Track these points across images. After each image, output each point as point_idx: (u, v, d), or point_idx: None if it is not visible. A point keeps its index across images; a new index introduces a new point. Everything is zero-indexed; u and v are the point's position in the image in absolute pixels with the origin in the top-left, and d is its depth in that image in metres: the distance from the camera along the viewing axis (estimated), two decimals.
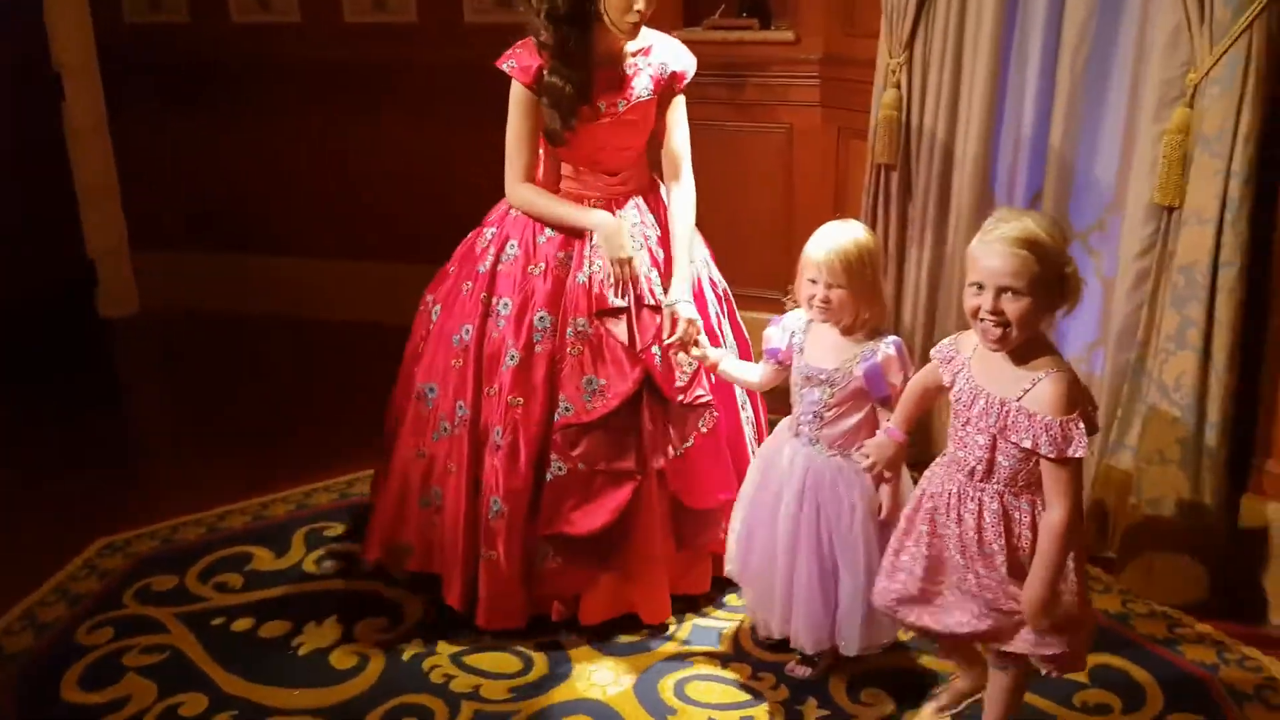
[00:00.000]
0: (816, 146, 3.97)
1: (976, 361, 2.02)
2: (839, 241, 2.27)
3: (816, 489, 2.35)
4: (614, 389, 2.54)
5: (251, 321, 4.92)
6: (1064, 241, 1.93)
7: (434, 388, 2.68)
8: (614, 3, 2.41)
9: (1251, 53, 2.47)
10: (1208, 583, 2.80)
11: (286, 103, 4.79)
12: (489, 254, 2.67)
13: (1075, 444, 1.86)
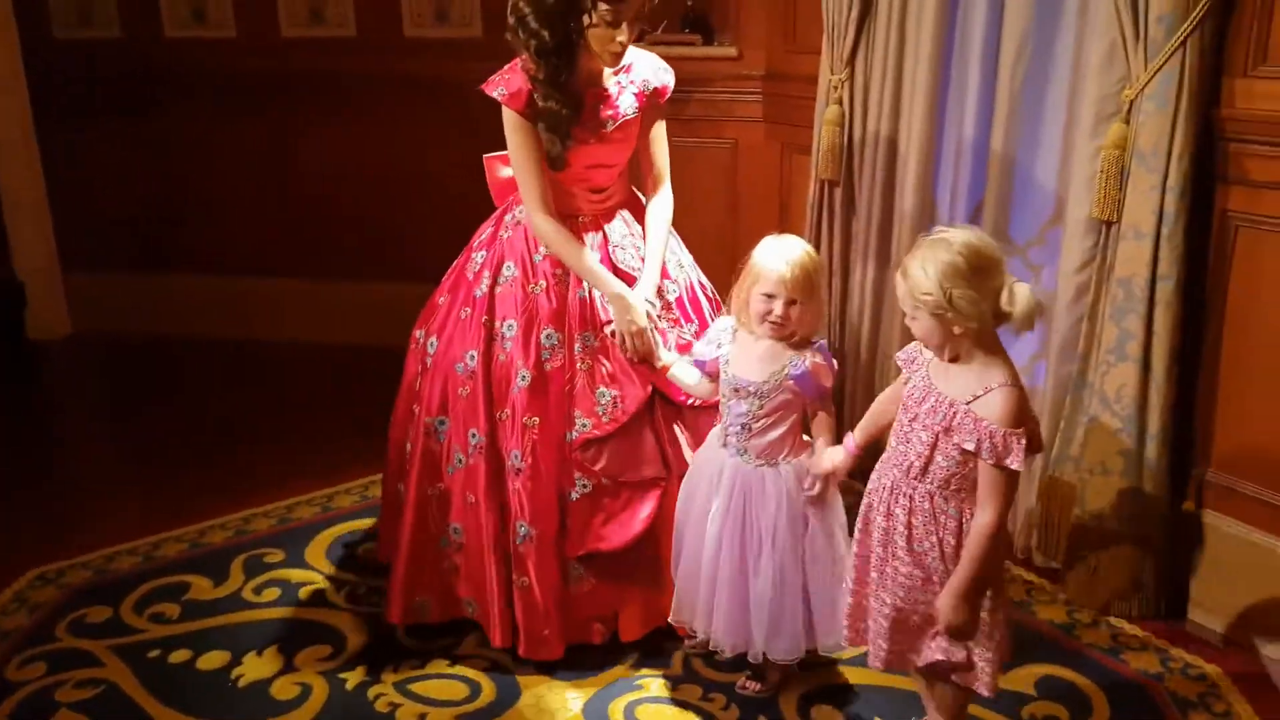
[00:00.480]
0: (760, 162, 3.98)
1: (935, 364, 2.07)
2: (797, 255, 2.27)
3: (744, 499, 2.36)
4: (628, 398, 2.54)
5: (188, 343, 4.82)
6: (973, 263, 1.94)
7: (444, 420, 2.63)
8: (597, 34, 2.41)
9: (1185, 70, 2.50)
10: (1151, 592, 2.83)
11: (221, 118, 4.71)
12: (484, 278, 2.64)
13: (1014, 456, 1.91)
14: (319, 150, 4.67)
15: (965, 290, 1.90)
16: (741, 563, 2.38)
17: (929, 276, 1.91)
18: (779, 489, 2.34)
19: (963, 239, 1.93)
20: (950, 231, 1.96)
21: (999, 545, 2.02)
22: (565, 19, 2.39)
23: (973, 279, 1.90)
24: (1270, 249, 2.57)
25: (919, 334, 2.01)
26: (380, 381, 4.38)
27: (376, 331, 4.63)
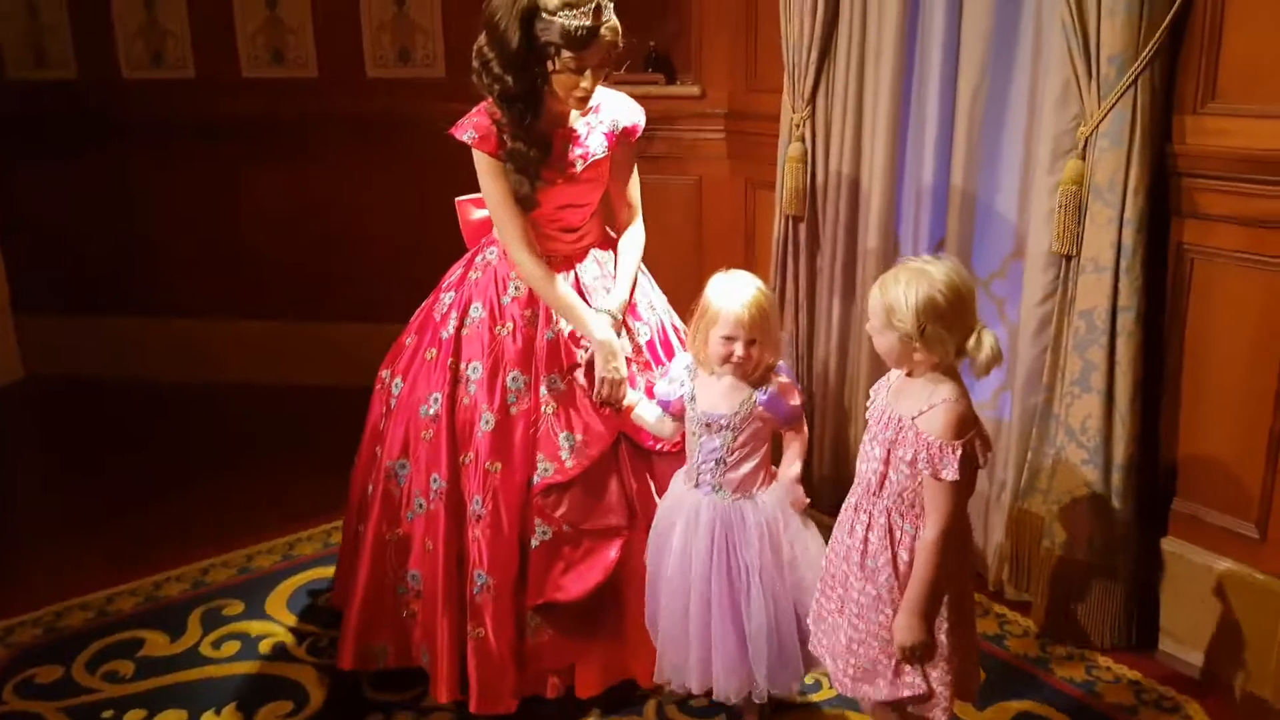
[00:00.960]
0: (725, 198, 4.01)
1: (896, 385, 2.13)
2: (750, 294, 2.28)
3: (726, 536, 2.35)
4: (592, 442, 2.51)
5: (142, 386, 4.74)
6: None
7: (405, 464, 2.59)
8: (561, 81, 2.41)
9: (1137, 107, 2.54)
10: (1123, 623, 2.84)
11: (178, 159, 4.67)
12: (451, 319, 2.62)
13: (949, 467, 1.96)
14: (277, 190, 4.64)
15: (938, 328, 1.96)
16: (733, 601, 2.35)
17: (907, 305, 1.96)
18: (760, 520, 2.33)
19: (945, 277, 1.98)
20: (934, 265, 2.01)
21: (952, 562, 2.04)
22: (529, 65, 2.38)
23: (948, 318, 1.96)
24: (1224, 280, 2.60)
25: (879, 348, 2.08)
26: (339, 423, 4.33)
27: (336, 372, 4.62)
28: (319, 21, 4.45)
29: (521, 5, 2.32)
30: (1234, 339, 2.61)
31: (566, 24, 2.31)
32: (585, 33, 2.32)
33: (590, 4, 2.32)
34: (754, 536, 2.33)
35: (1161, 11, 2.51)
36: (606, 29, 2.36)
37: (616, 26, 2.39)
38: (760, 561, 2.33)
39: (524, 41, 2.34)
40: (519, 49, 2.35)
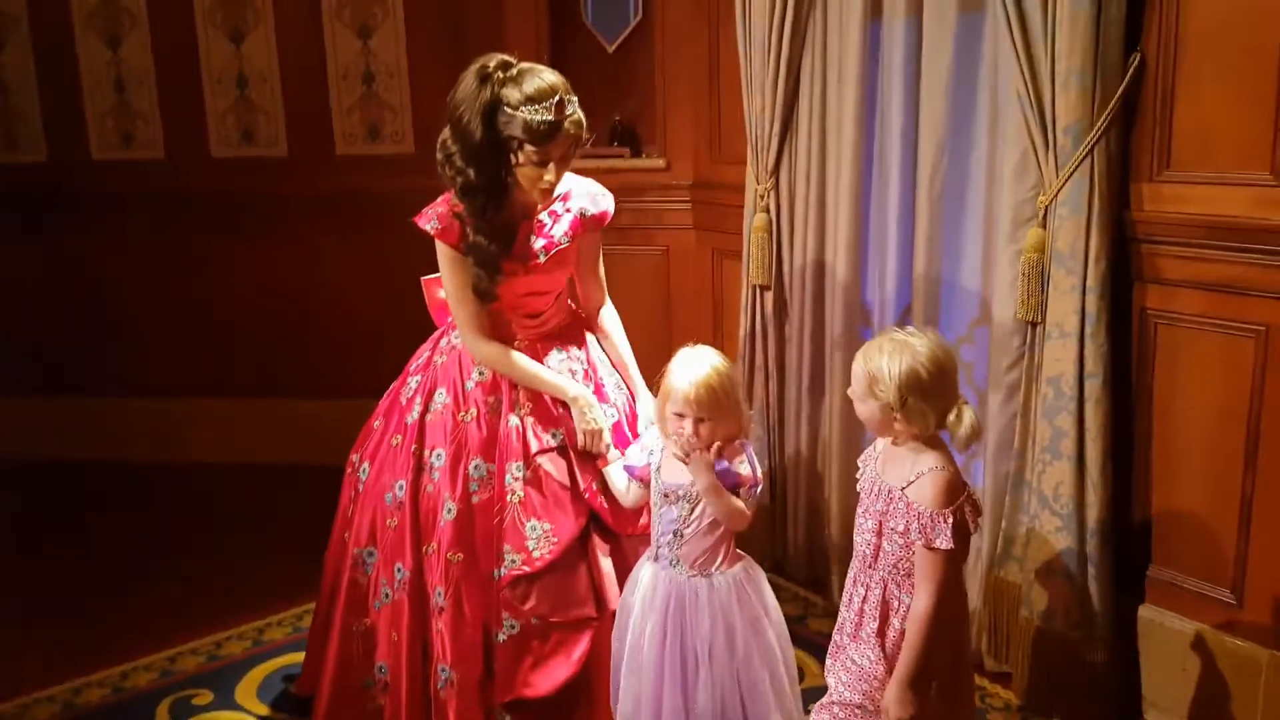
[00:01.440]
0: (692, 268, 4.03)
1: (883, 455, 2.14)
2: (702, 373, 2.27)
3: (680, 613, 2.32)
4: (560, 532, 2.46)
5: (109, 468, 4.66)
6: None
7: (372, 552, 2.56)
8: (525, 173, 2.42)
9: (1094, 176, 2.57)
10: (1104, 692, 2.80)
11: (150, 237, 4.66)
12: (416, 404, 2.60)
13: (941, 536, 1.96)
14: (247, 267, 4.63)
15: (919, 401, 1.98)
16: (683, 681, 2.33)
17: (890, 377, 1.99)
18: (714, 601, 2.31)
19: (929, 351, 2.00)
20: (918, 337, 2.03)
21: (945, 634, 2.03)
22: (493, 158, 2.38)
23: (930, 393, 1.99)
24: (1188, 343, 2.62)
25: (861, 414, 2.10)
26: (309, 503, 4.28)
27: (306, 450, 4.58)
28: (289, 101, 4.48)
29: (484, 99, 2.32)
30: (1201, 403, 2.62)
31: (529, 119, 2.31)
32: (548, 127, 2.33)
33: (553, 99, 2.33)
34: (705, 616, 2.31)
35: (1114, 83, 2.55)
36: (570, 123, 2.36)
37: (580, 120, 2.39)
38: (711, 644, 2.30)
39: (487, 135, 2.34)
40: (482, 142, 2.35)
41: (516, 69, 2.37)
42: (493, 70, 2.35)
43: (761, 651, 2.32)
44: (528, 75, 2.36)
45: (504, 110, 2.33)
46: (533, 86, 2.33)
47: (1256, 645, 2.58)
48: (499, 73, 2.35)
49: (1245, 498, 2.57)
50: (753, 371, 3.59)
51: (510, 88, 2.33)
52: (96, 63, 4.57)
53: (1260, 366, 2.48)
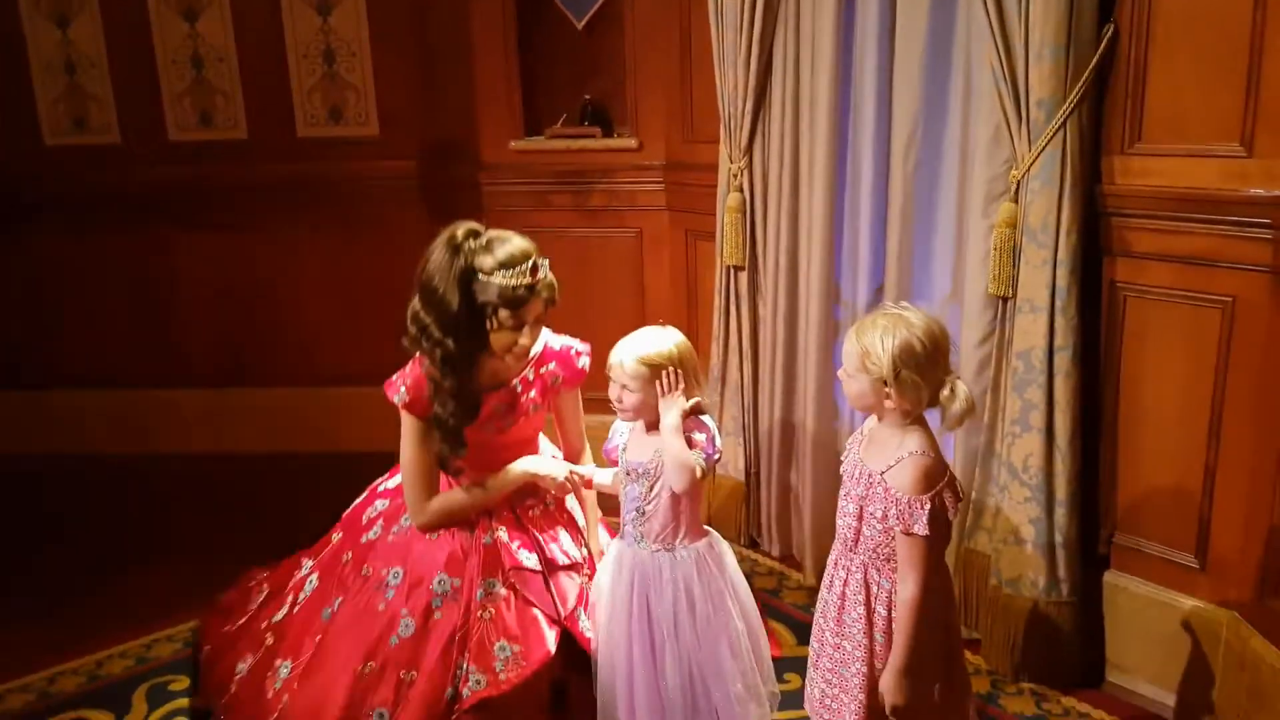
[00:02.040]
0: (666, 249, 4.04)
1: (868, 437, 2.14)
2: (631, 347, 2.34)
3: (644, 587, 2.36)
4: (531, 655, 2.38)
5: (74, 462, 4.58)
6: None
7: (288, 665, 2.47)
8: (500, 338, 2.42)
9: (1067, 149, 2.62)
10: (1070, 656, 2.87)
11: (106, 225, 4.56)
12: (377, 525, 2.59)
13: (919, 522, 1.96)
14: (207, 255, 4.57)
15: (913, 374, 1.98)
16: (651, 659, 2.36)
17: (885, 349, 1.98)
18: (675, 575, 2.34)
19: (924, 324, 2.01)
20: (912, 312, 2.04)
21: (937, 619, 2.04)
22: (470, 326, 2.39)
23: (924, 365, 1.99)
24: (1156, 316, 2.68)
25: (850, 393, 2.08)
26: (278, 490, 4.29)
27: (272, 438, 4.56)
28: (247, 81, 4.40)
29: (459, 268, 2.34)
30: (1168, 374, 2.68)
31: (504, 284, 2.34)
32: (524, 291, 2.36)
33: (526, 263, 2.36)
34: (668, 591, 2.34)
35: (1087, 55, 2.59)
36: (543, 285, 2.40)
37: (553, 282, 2.43)
38: (675, 618, 2.34)
39: (464, 303, 2.36)
40: (459, 311, 2.36)
41: (485, 237, 2.40)
42: (462, 239, 2.38)
43: (723, 625, 2.35)
44: (498, 242, 2.39)
45: (479, 277, 2.35)
46: (505, 252, 2.36)
47: (1217, 607, 2.66)
48: (469, 241, 2.38)
49: (1209, 467, 2.64)
50: (727, 352, 3.62)
51: (483, 255, 2.36)
52: (45, 44, 4.44)
53: (1226, 338, 2.54)
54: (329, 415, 4.56)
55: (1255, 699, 2.51)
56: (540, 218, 4.15)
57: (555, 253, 4.11)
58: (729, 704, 2.36)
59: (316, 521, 2.90)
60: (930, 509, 1.97)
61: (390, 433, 3.69)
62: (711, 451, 2.33)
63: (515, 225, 4.05)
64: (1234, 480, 2.60)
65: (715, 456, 2.35)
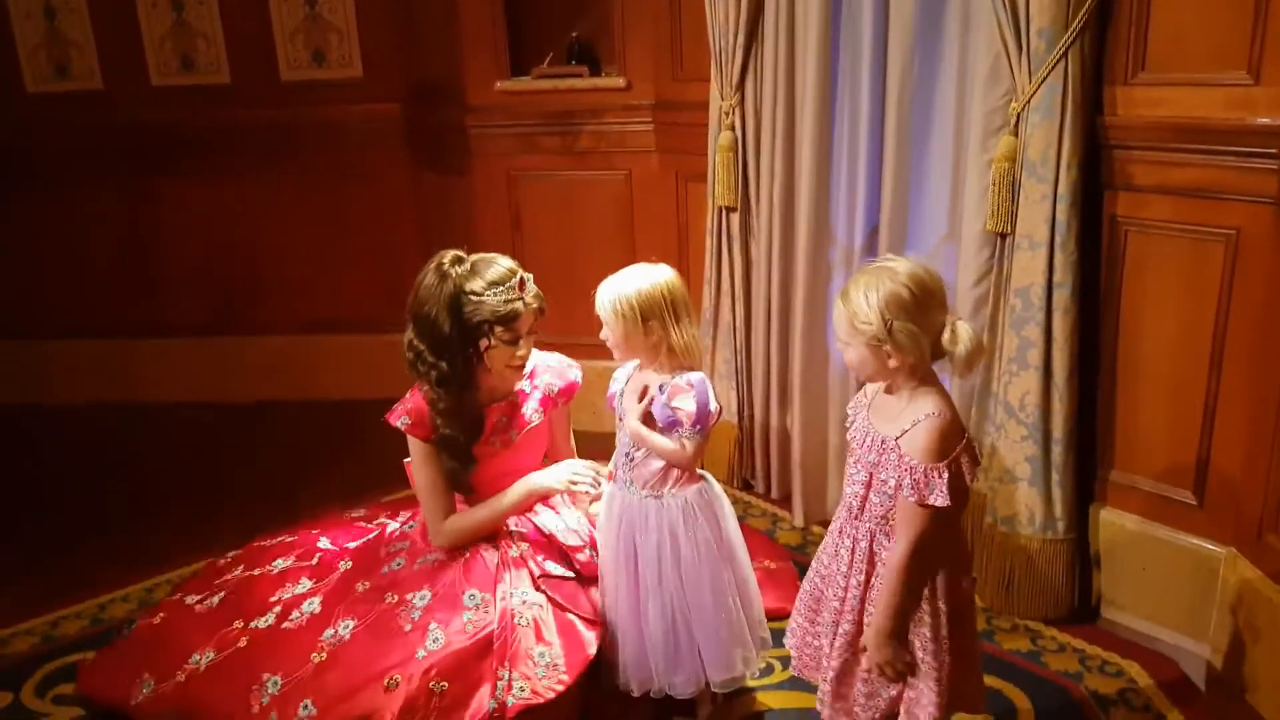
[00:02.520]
0: (656, 192, 3.98)
1: (876, 402, 2.03)
2: (612, 287, 2.33)
3: (631, 530, 2.38)
4: (571, 659, 2.39)
5: (63, 411, 4.58)
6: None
7: (276, 681, 2.39)
8: (497, 355, 2.50)
9: (1068, 81, 2.57)
10: (1065, 593, 2.88)
11: (89, 173, 4.50)
12: (399, 558, 2.60)
13: (936, 492, 1.86)
14: (192, 202, 4.51)
15: (906, 324, 1.85)
16: (635, 599, 2.38)
17: (870, 305, 1.86)
18: (661, 521, 2.35)
19: (908, 270, 1.89)
20: (896, 261, 1.92)
21: (922, 580, 1.98)
22: (463, 347, 2.47)
23: (915, 312, 1.86)
24: (1156, 251, 2.65)
25: (850, 362, 1.96)
26: (270, 438, 4.29)
27: (254, 387, 4.56)
28: (228, 23, 4.31)
29: (448, 292, 2.43)
30: (1167, 310, 2.66)
31: (496, 302, 2.44)
32: (516, 306, 2.46)
33: (513, 279, 2.47)
34: (654, 536, 2.35)
35: None
36: (532, 298, 2.50)
37: (540, 294, 2.53)
38: (659, 564, 2.35)
39: (455, 326, 2.44)
40: (451, 334, 2.45)
41: (470, 261, 2.49)
42: (449, 266, 2.47)
43: (709, 572, 2.36)
44: (483, 264, 2.49)
45: (469, 299, 2.44)
46: (492, 273, 2.47)
47: (1216, 543, 2.67)
48: (455, 267, 2.47)
49: (1209, 403, 2.63)
50: (719, 295, 3.58)
51: (471, 279, 2.46)
52: None
53: (1229, 271, 2.52)
54: (315, 363, 4.55)
55: (1252, 634, 2.52)
56: (527, 160, 4.10)
57: (541, 196, 4.14)
58: (713, 648, 2.38)
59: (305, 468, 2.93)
60: (948, 477, 1.85)
61: (376, 381, 3.70)
62: (699, 423, 2.30)
63: (502, 168, 4.13)
64: (1234, 416, 2.59)
65: (707, 424, 2.32)
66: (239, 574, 2.78)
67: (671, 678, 2.40)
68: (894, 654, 1.98)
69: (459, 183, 4.24)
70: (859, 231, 3.19)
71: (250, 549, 2.95)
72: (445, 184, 4.28)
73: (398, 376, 2.61)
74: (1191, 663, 2.71)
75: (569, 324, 2.79)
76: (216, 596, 2.70)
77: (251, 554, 2.90)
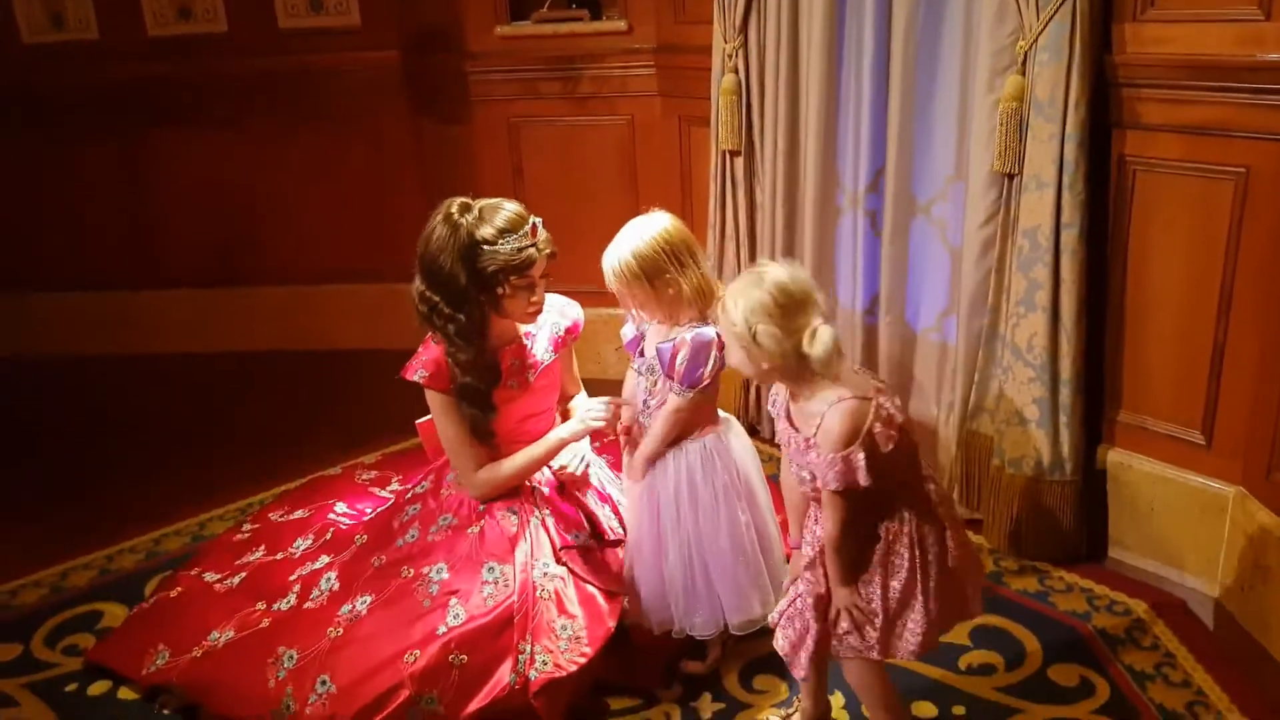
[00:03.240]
0: (659, 136, 3.95)
1: (786, 405, 2.07)
2: (611, 257, 2.32)
3: (651, 476, 2.40)
4: (593, 632, 2.38)
5: (64, 363, 4.58)
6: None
7: (292, 655, 2.38)
8: (514, 302, 2.47)
9: (1076, 18, 2.53)
10: (1073, 534, 2.90)
11: (87, 124, 4.47)
12: (412, 529, 2.58)
13: (859, 473, 1.90)
14: (189, 154, 4.48)
15: (769, 327, 1.91)
16: (656, 540, 2.40)
17: (738, 310, 1.93)
18: (679, 467, 2.36)
19: (774, 277, 1.94)
20: (769, 267, 1.98)
21: (857, 547, 2.01)
22: (477, 297, 2.43)
23: (778, 317, 1.92)
24: (1165, 190, 2.62)
25: (733, 364, 2.04)
26: (271, 389, 4.31)
27: (256, 338, 4.58)
28: None
29: (461, 242, 2.38)
30: (1176, 249, 2.64)
31: (509, 250, 2.39)
32: (530, 252, 2.41)
33: (525, 225, 2.42)
34: (671, 482, 2.36)
35: None
36: (544, 242, 2.45)
37: (549, 238, 2.48)
38: (678, 508, 2.36)
39: (470, 276, 2.40)
40: (467, 285, 2.40)
41: (477, 207, 2.44)
42: (458, 215, 2.42)
43: (727, 518, 2.37)
44: (491, 211, 2.44)
45: (483, 249, 2.39)
46: (503, 220, 2.42)
47: (1224, 483, 2.67)
48: (464, 216, 2.42)
49: (1218, 342, 2.62)
50: (723, 239, 3.56)
51: (482, 226, 2.41)
52: None
53: (1239, 209, 2.49)
54: (316, 313, 4.55)
55: (1260, 573, 2.54)
56: (528, 106, 4.06)
57: (544, 142, 4.11)
58: (731, 592, 2.40)
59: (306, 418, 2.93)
60: (864, 456, 1.89)
61: (376, 330, 3.68)
62: (686, 383, 2.30)
63: (502, 115, 4.09)
64: (1243, 355, 2.58)
65: (704, 380, 2.32)
66: (260, 556, 2.78)
67: (691, 618, 2.41)
68: (856, 596, 2.02)
69: (459, 130, 4.20)
70: (864, 173, 3.17)
71: (266, 524, 2.94)
72: (445, 132, 4.24)
73: (399, 325, 2.61)
74: (1200, 602, 2.72)
75: (572, 272, 2.76)
76: (237, 577, 2.70)
77: (269, 531, 2.89)
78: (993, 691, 2.42)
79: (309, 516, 2.91)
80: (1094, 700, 2.39)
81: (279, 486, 3.40)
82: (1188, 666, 2.48)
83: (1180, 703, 2.37)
